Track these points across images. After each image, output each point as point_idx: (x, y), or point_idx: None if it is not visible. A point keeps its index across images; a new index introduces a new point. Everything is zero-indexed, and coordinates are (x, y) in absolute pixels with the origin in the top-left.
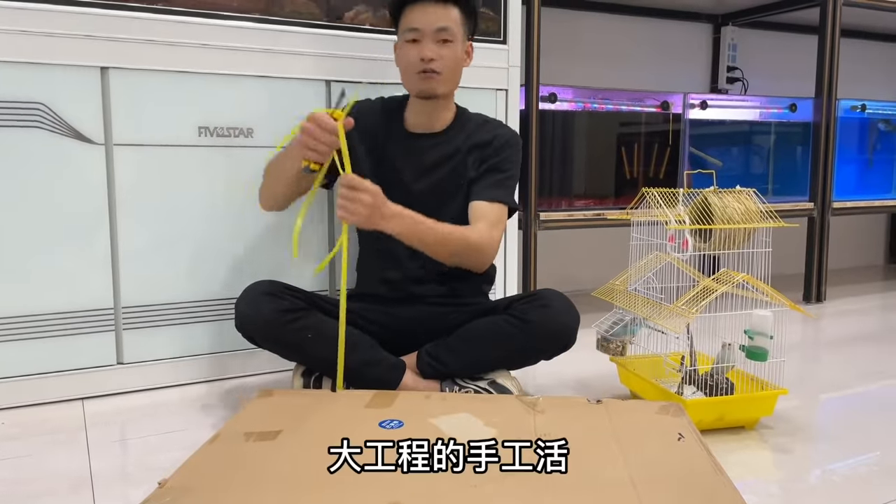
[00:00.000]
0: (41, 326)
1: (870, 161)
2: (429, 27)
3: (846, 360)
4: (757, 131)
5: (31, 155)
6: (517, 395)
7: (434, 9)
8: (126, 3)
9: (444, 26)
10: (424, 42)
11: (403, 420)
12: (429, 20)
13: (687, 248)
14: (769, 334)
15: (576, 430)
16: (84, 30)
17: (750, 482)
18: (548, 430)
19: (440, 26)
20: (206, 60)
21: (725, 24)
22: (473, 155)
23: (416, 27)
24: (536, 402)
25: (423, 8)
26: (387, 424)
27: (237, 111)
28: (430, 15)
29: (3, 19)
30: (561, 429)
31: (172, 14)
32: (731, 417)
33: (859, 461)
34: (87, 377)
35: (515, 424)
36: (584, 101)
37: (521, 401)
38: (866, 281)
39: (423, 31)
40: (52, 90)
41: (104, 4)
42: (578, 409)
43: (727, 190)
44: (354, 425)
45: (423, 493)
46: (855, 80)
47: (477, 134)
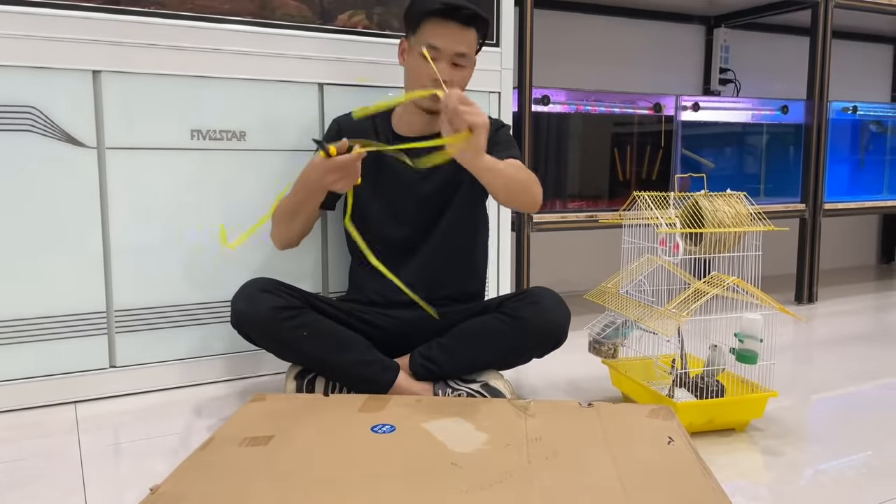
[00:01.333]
0: (33, 330)
1: (861, 162)
2: (448, 49)
3: (837, 360)
4: (749, 133)
5: (23, 159)
6: (509, 398)
7: (457, 31)
8: (118, 7)
9: (462, 52)
10: (440, 62)
11: (395, 424)
12: (450, 42)
13: (678, 251)
14: (759, 337)
15: (566, 434)
16: (76, 33)
17: (740, 485)
18: (539, 434)
19: (459, 51)
20: (199, 64)
21: (718, 26)
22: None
23: (437, 46)
24: (528, 406)
25: (445, 26)
26: (379, 429)
27: (230, 114)
28: (452, 37)
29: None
30: (552, 433)
31: (165, 17)
32: (722, 420)
33: (849, 463)
34: (79, 380)
35: (506, 428)
36: (576, 104)
37: (512, 405)
38: (858, 281)
39: (442, 52)
40: (44, 94)
41: (96, 8)
42: (569, 413)
43: (718, 193)
44: (346, 430)
45: (416, 497)
46: (846, 82)
47: None
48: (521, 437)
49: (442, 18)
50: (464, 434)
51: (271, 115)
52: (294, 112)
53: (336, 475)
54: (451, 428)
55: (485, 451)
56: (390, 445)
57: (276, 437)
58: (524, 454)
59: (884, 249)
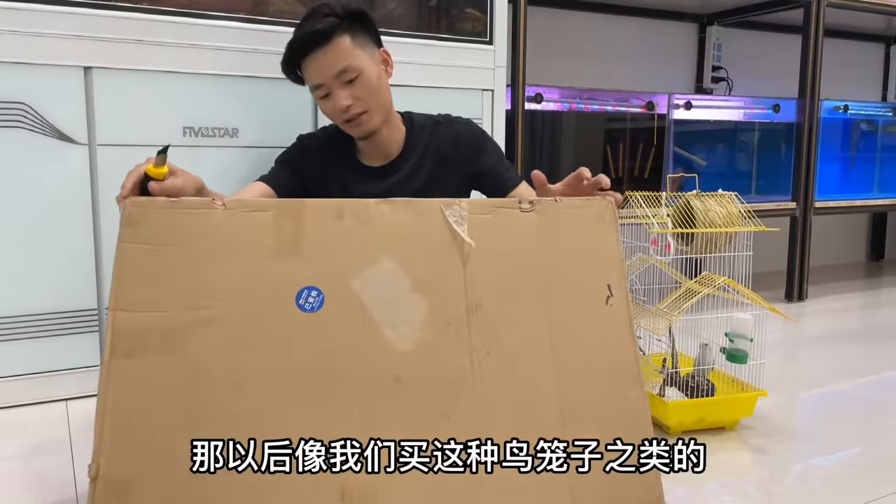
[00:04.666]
0: (22, 327)
1: (852, 161)
2: (328, 78)
3: (826, 358)
4: (741, 131)
5: (13, 155)
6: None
7: (323, 56)
8: (110, 3)
9: (341, 69)
10: (333, 92)
11: (321, 288)
12: (324, 71)
13: (669, 251)
14: (749, 337)
15: (506, 283)
16: (68, 29)
17: (730, 483)
18: (479, 299)
19: (338, 71)
20: (192, 60)
21: (711, 24)
22: (442, 163)
23: (318, 83)
24: (462, 233)
25: (313, 60)
26: (305, 301)
27: (222, 111)
28: (324, 64)
29: None
30: (490, 283)
31: (157, 14)
32: (712, 419)
33: (837, 460)
34: (71, 378)
35: (444, 285)
36: (569, 102)
37: (450, 231)
38: (848, 279)
39: (327, 84)
40: (35, 90)
41: (88, 4)
42: (511, 243)
43: (709, 193)
44: (270, 304)
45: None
46: (838, 81)
47: (435, 143)
48: (460, 307)
49: (303, 56)
50: (400, 307)
51: (264, 112)
52: (287, 108)
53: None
54: (383, 288)
55: (425, 345)
56: (321, 340)
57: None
58: (466, 347)
59: (873, 247)
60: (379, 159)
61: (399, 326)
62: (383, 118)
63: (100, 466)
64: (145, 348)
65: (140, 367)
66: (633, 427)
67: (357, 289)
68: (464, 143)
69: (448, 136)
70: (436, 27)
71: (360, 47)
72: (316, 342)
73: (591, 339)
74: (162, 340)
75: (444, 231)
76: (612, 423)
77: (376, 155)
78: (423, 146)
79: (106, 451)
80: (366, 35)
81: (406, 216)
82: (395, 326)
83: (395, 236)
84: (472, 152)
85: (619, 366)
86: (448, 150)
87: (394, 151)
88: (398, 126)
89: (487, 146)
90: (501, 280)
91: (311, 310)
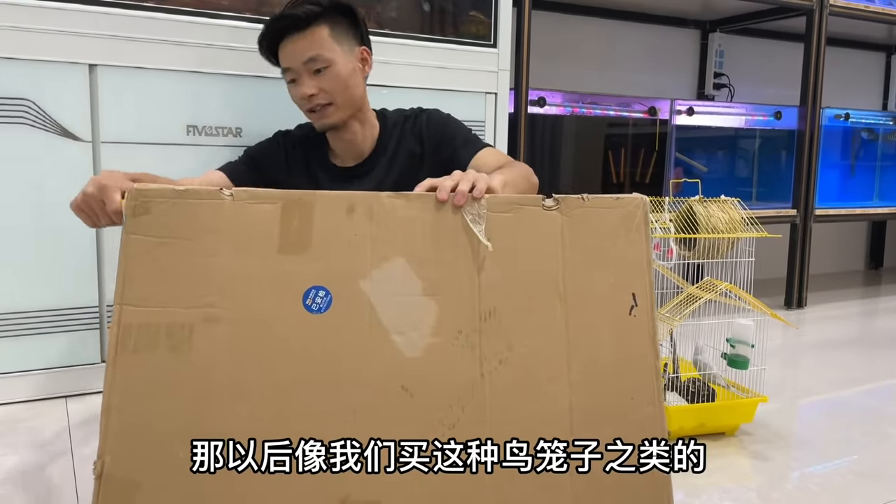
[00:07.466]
0: (24, 323)
1: (852, 169)
2: (298, 63)
3: (826, 365)
4: (742, 138)
5: (17, 151)
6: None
7: (298, 41)
8: (116, 1)
9: (311, 56)
10: (301, 79)
11: (330, 288)
12: (295, 56)
13: (672, 256)
14: (750, 343)
15: (523, 287)
16: (73, 26)
17: (729, 488)
18: (492, 305)
19: (307, 58)
20: (196, 59)
21: (713, 31)
22: (412, 159)
23: (287, 66)
24: (484, 235)
25: (288, 43)
26: (313, 301)
27: (226, 110)
28: (295, 50)
29: None
30: (506, 288)
31: (162, 12)
32: (713, 424)
33: (836, 467)
34: (71, 375)
35: (458, 291)
36: (572, 106)
37: (466, 231)
38: (847, 287)
39: (295, 69)
40: (40, 86)
41: (94, 1)
42: (531, 245)
43: (712, 199)
44: (274, 306)
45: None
46: (839, 89)
47: (405, 139)
48: (473, 313)
49: (281, 38)
50: (410, 311)
51: (267, 112)
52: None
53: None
54: (396, 294)
55: (434, 353)
56: (327, 344)
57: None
58: (477, 355)
59: (872, 255)
60: (351, 158)
61: (408, 332)
62: (349, 114)
63: (105, 464)
64: (153, 345)
65: (147, 364)
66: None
67: (366, 290)
68: (428, 136)
69: (415, 130)
70: (440, 30)
71: (336, 40)
72: (322, 346)
73: (610, 351)
74: (169, 337)
75: (459, 230)
76: (626, 440)
77: (349, 154)
78: (396, 143)
79: (111, 449)
80: (348, 30)
81: (421, 212)
82: (403, 332)
83: (407, 234)
84: (435, 146)
85: (639, 380)
86: (416, 146)
87: (367, 150)
88: (372, 123)
89: (448, 132)
90: (518, 284)
91: (318, 311)
